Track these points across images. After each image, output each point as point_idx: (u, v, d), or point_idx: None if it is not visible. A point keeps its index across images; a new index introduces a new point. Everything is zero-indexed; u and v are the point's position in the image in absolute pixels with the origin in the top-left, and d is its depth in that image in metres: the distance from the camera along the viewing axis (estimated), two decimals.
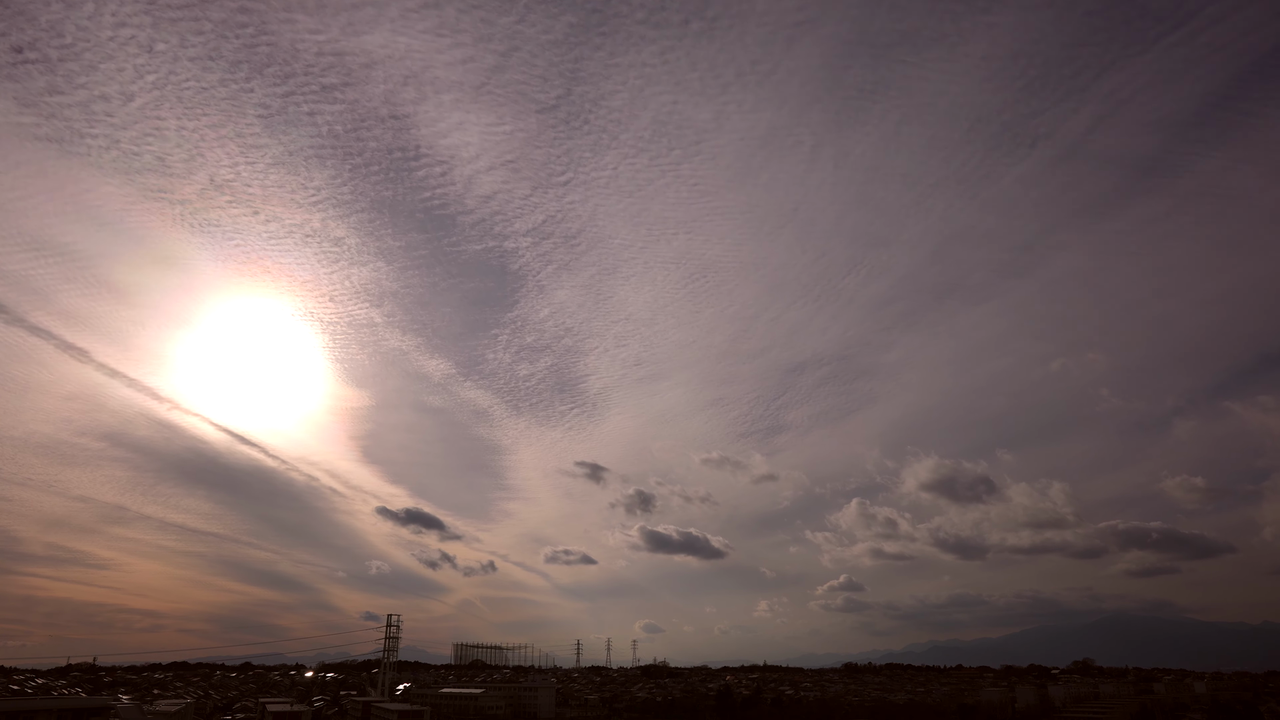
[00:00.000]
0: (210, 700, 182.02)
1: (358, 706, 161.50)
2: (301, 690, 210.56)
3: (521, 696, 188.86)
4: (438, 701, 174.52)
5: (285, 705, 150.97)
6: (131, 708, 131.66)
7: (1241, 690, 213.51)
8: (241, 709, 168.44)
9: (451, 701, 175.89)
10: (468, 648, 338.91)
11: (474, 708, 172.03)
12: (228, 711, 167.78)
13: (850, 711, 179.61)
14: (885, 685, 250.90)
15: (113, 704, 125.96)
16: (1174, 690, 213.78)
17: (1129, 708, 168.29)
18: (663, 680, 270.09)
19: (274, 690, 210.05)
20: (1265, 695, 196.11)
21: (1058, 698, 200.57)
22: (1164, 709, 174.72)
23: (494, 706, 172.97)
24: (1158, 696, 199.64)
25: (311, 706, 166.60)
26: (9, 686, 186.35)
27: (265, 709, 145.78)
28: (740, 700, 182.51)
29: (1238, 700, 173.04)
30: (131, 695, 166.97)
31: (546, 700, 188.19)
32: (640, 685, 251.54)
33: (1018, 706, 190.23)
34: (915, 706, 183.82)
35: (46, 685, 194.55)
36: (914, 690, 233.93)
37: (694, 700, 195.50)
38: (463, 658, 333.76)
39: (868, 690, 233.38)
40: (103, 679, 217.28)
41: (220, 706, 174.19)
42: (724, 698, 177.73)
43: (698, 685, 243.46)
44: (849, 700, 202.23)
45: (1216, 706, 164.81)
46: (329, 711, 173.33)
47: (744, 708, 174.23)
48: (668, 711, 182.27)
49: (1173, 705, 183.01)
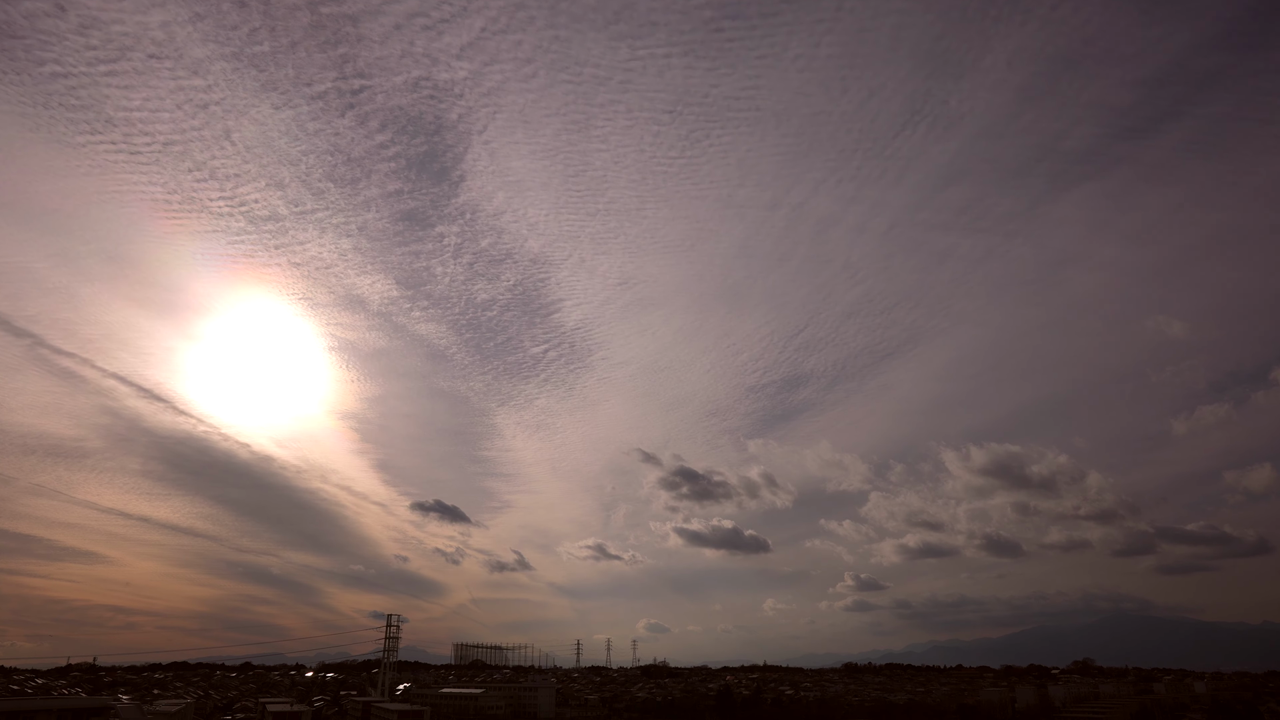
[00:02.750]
0: (210, 700, 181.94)
1: (358, 706, 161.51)
2: (301, 690, 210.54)
3: (521, 696, 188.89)
4: (438, 701, 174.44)
5: (285, 705, 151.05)
6: (131, 708, 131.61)
7: (1241, 690, 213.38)
8: (241, 709, 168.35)
9: (451, 701, 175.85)
10: (468, 648, 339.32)
11: (474, 708, 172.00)
12: (228, 711, 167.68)
13: (850, 711, 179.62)
14: (885, 685, 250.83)
15: (113, 704, 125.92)
16: (1174, 690, 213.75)
17: (1129, 708, 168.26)
18: (663, 680, 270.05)
19: (274, 690, 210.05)
20: (1265, 695, 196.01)
21: (1058, 698, 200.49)
22: (1164, 709, 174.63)
23: (494, 706, 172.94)
24: (1158, 696, 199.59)
25: (311, 706, 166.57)
26: (9, 686, 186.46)
27: (265, 709, 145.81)
28: (740, 700, 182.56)
29: (1238, 700, 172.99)
30: (131, 695, 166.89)
31: (546, 700, 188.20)
32: (640, 685, 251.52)
33: (1018, 706, 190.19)
34: (915, 706, 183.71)
35: (46, 685, 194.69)
36: (914, 690, 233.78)
37: (694, 700, 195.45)
38: (463, 658, 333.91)
39: (868, 690, 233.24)
40: (103, 679, 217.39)
41: (220, 706, 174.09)
42: (724, 698, 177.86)
43: (698, 685, 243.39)
44: (849, 700, 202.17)
45: (1216, 706, 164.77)
46: (329, 711, 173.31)
47: (744, 708, 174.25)
48: (668, 711, 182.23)
49: (1173, 705, 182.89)
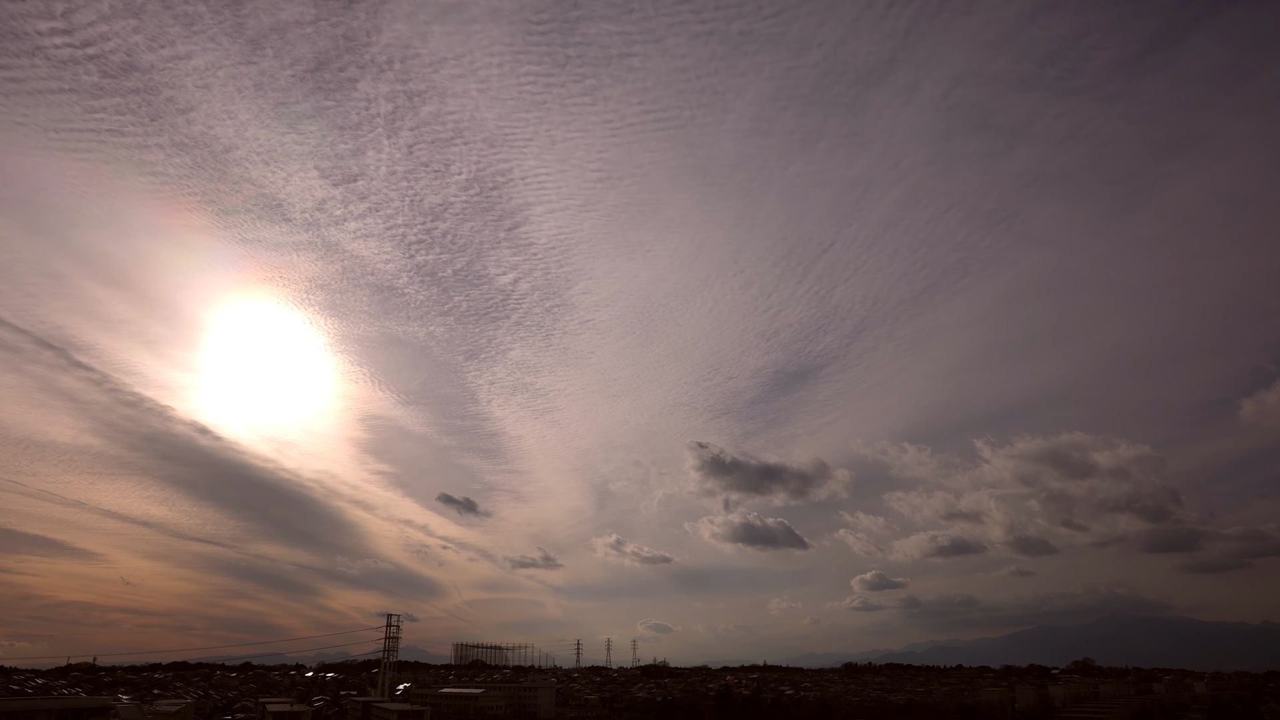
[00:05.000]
0: (210, 700, 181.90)
1: (358, 706, 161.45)
2: (301, 690, 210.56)
3: (521, 696, 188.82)
4: (438, 701, 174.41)
5: (285, 705, 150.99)
6: (131, 708, 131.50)
7: (1241, 690, 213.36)
8: (241, 709, 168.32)
9: (451, 701, 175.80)
10: (468, 648, 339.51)
11: (474, 708, 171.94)
12: (228, 711, 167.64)
13: (850, 711, 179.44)
14: (885, 685, 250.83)
15: (113, 704, 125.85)
16: (1174, 690, 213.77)
17: (1129, 708, 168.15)
18: (663, 680, 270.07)
19: (274, 690, 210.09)
20: (1265, 695, 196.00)
21: (1058, 698, 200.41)
22: (1164, 709, 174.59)
23: (494, 706, 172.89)
24: (1158, 696, 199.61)
25: (311, 706, 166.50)
26: (9, 686, 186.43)
27: (265, 709, 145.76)
28: (740, 700, 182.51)
29: (1238, 700, 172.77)
30: (131, 695, 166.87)
31: (546, 700, 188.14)
32: (640, 685, 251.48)
33: (1018, 706, 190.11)
34: (915, 706, 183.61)
35: (46, 685, 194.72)
36: (914, 690, 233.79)
37: (694, 700, 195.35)
38: (463, 658, 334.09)
39: (868, 690, 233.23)
40: (103, 679, 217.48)
41: (220, 706, 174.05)
42: (724, 698, 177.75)
43: (698, 685, 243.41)
44: (849, 700, 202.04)
45: (1216, 706, 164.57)
46: (329, 711, 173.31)
47: (744, 708, 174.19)
48: (668, 711, 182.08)
49: (1173, 705, 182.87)
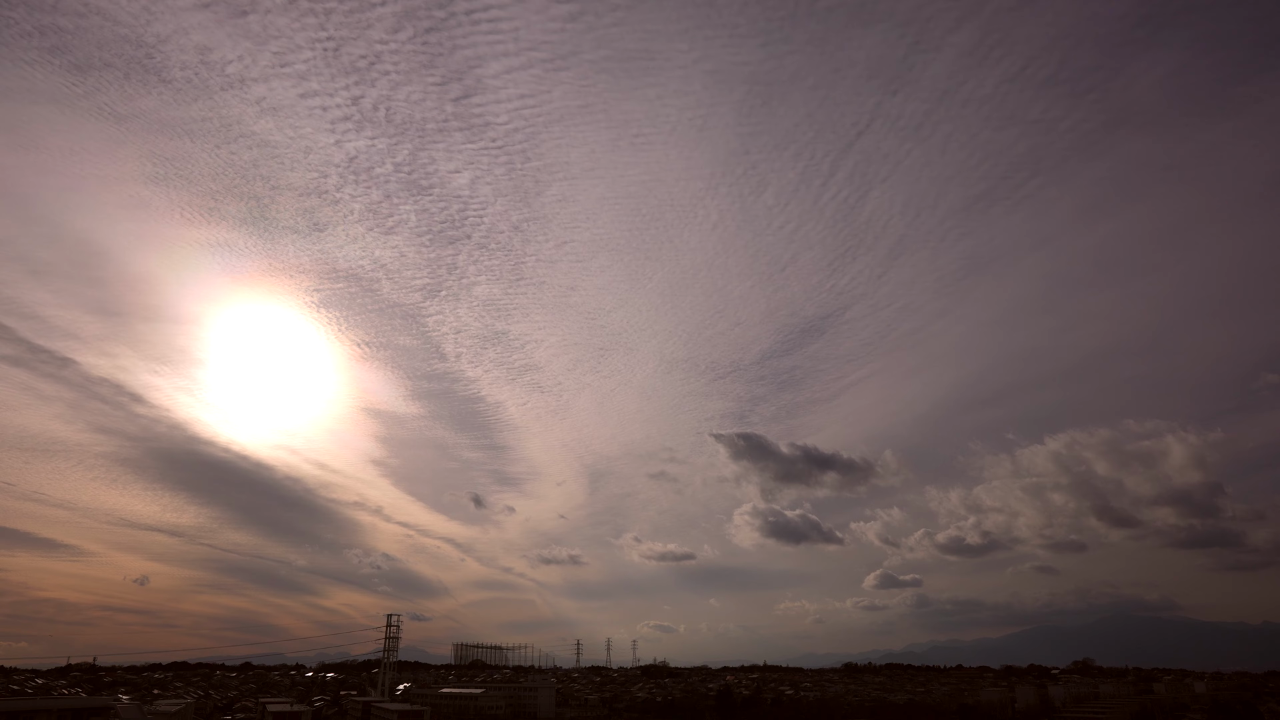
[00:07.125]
0: (210, 700, 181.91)
1: (358, 706, 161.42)
2: (301, 690, 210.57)
3: (521, 696, 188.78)
4: (438, 701, 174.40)
5: (285, 705, 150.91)
6: (131, 708, 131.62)
7: (1241, 690, 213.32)
8: (241, 709, 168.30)
9: (451, 701, 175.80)
10: (468, 648, 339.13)
11: (474, 708, 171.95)
12: (228, 711, 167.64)
13: (850, 711, 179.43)
14: (885, 685, 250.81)
15: (113, 704, 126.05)
16: (1174, 690, 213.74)
17: (1129, 708, 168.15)
18: (663, 680, 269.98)
19: (274, 690, 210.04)
20: (1265, 695, 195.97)
21: (1058, 698, 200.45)
22: (1164, 709, 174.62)
23: (494, 706, 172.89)
24: (1158, 696, 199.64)
25: (311, 706, 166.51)
26: (9, 686, 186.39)
27: (265, 709, 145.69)
28: (740, 700, 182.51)
29: (1238, 700, 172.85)
30: (131, 695, 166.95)
31: (546, 700, 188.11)
32: (640, 685, 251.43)
33: (1018, 706, 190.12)
34: (915, 706, 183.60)
35: (46, 685, 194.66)
36: (914, 690, 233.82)
37: (694, 700, 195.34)
38: (463, 658, 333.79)
39: (868, 690, 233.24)
40: (103, 679, 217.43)
41: (220, 706, 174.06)
42: (724, 698, 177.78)
43: (698, 685, 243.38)
44: (849, 700, 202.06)
45: (1216, 706, 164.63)
46: (329, 711, 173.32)
47: (744, 708, 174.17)
48: (668, 711, 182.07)
49: (1173, 705, 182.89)
